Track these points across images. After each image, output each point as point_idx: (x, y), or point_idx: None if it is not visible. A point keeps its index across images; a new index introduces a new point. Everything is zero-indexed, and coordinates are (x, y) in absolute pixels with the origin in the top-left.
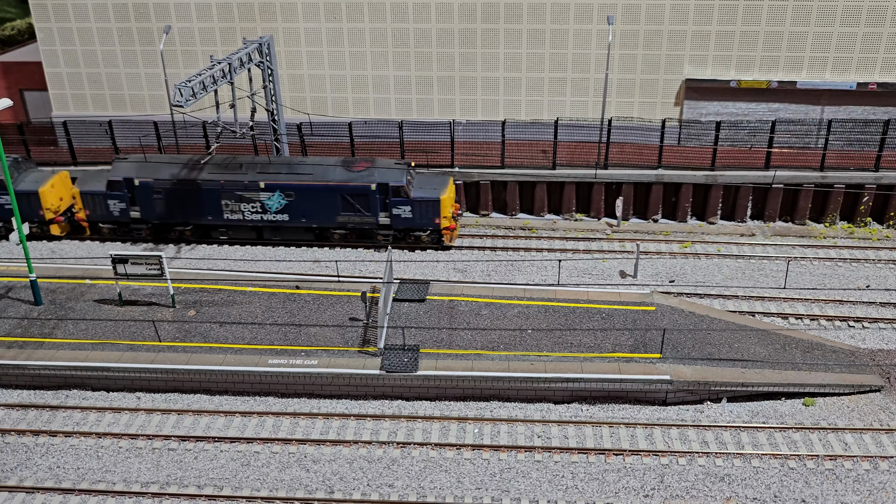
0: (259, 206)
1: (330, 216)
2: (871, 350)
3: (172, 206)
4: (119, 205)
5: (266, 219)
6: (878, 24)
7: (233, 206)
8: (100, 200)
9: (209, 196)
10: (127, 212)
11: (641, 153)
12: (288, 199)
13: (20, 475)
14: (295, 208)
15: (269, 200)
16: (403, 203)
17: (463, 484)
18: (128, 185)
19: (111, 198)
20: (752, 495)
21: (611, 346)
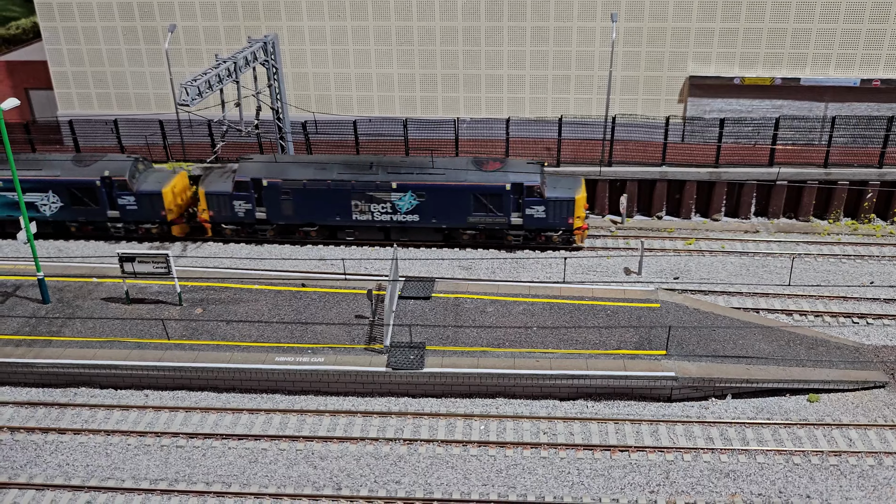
0: (389, 207)
1: (461, 217)
2: (876, 346)
3: (300, 207)
4: (245, 206)
5: (396, 219)
6: (882, 21)
7: (362, 207)
8: (225, 201)
9: (339, 196)
10: (252, 213)
11: (645, 150)
12: (419, 199)
13: (30, 472)
14: (426, 209)
15: (401, 201)
16: (537, 203)
17: (469, 480)
18: (255, 185)
19: (237, 199)
20: (756, 491)
21: (616, 343)
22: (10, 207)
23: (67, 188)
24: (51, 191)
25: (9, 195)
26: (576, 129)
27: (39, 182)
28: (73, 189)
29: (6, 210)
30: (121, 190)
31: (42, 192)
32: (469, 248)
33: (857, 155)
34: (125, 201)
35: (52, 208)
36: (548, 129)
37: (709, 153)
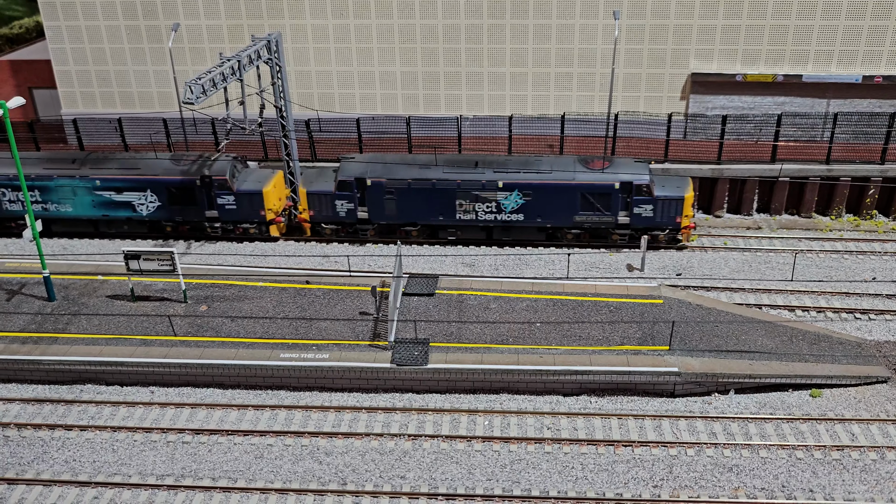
0: (494, 206)
1: (567, 216)
2: (878, 342)
3: (403, 206)
4: (347, 205)
5: (500, 219)
6: (884, 17)
7: (467, 206)
8: (327, 201)
9: (443, 196)
10: (354, 212)
11: (648, 147)
12: (525, 198)
13: (37, 468)
14: (531, 208)
15: (506, 200)
16: (646, 202)
17: (474, 475)
18: (358, 185)
19: (339, 198)
20: (759, 485)
21: (619, 339)
22: (107, 206)
23: (167, 187)
24: (149, 190)
25: (105, 194)
26: (578, 126)
27: (138, 181)
28: (172, 188)
29: (102, 209)
30: (220, 189)
31: (140, 192)
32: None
33: (859, 151)
34: (224, 201)
35: (149, 208)
36: (551, 127)
37: (711, 150)
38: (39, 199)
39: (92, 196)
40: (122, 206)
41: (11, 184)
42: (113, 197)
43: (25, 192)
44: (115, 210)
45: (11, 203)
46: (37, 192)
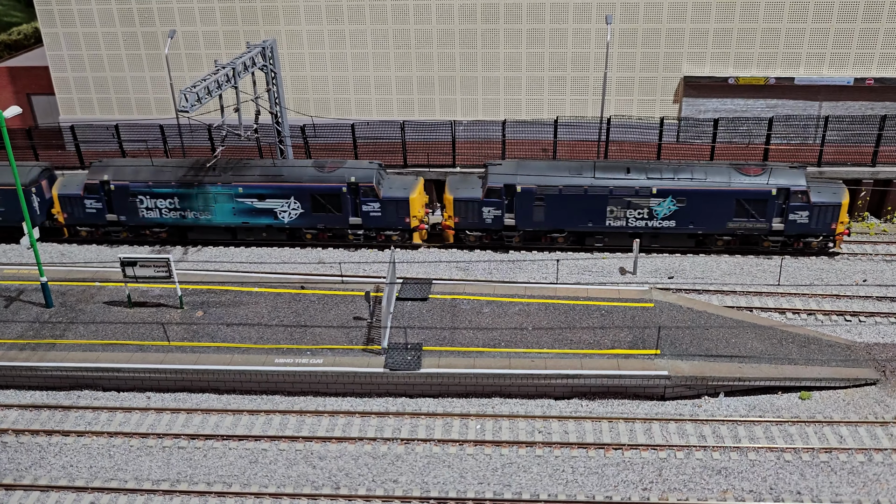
0: (646, 213)
1: (720, 222)
2: (868, 344)
3: (552, 212)
4: (494, 212)
5: (651, 225)
6: (875, 20)
7: (617, 213)
8: (474, 208)
9: (594, 202)
10: (500, 219)
11: (640, 151)
12: (679, 204)
13: (34, 474)
14: (684, 214)
15: (659, 206)
16: (802, 208)
17: (465, 479)
18: (507, 191)
19: (487, 205)
20: (748, 488)
21: (610, 343)
22: (248, 214)
23: (311, 195)
24: (293, 197)
25: (247, 202)
26: (571, 130)
27: (283, 188)
28: (317, 196)
29: (243, 216)
30: (366, 196)
31: (283, 199)
32: (725, 255)
33: (850, 154)
34: (370, 208)
35: (291, 215)
36: (544, 131)
37: (703, 153)
38: (178, 207)
39: (233, 203)
40: (263, 213)
41: (150, 191)
42: (255, 204)
43: (23, 203)
44: (255, 217)
45: (149, 211)
46: (176, 200)
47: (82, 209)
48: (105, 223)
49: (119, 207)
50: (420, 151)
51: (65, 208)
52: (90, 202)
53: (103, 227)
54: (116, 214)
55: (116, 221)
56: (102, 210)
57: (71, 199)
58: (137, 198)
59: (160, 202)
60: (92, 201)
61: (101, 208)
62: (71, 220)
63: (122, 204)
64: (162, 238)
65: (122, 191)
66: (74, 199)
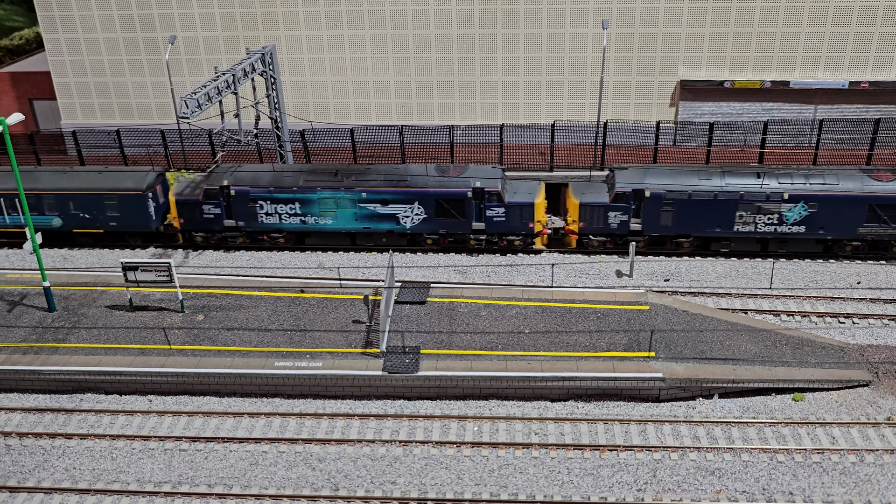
0: (776, 218)
1: (851, 228)
2: (861, 346)
3: (679, 217)
4: (620, 217)
5: (780, 231)
6: (870, 24)
7: (746, 218)
8: (600, 213)
9: (724, 207)
10: (626, 224)
11: (637, 154)
12: (810, 210)
13: (38, 476)
14: (814, 220)
15: (790, 212)
16: None
17: (463, 480)
18: (635, 196)
19: (614, 210)
20: (741, 488)
21: (606, 345)
22: (369, 219)
23: (435, 200)
24: (417, 202)
25: (370, 207)
26: (569, 134)
27: (407, 194)
28: (441, 201)
29: (364, 222)
30: (491, 202)
31: (407, 204)
32: (854, 259)
33: (844, 157)
34: (494, 213)
35: (413, 220)
36: (541, 135)
37: (699, 156)
38: (298, 213)
39: (355, 209)
40: (385, 218)
41: (271, 196)
42: (377, 209)
43: (26, 209)
44: (377, 223)
45: (268, 216)
46: (297, 205)
47: (200, 215)
48: (222, 229)
49: (238, 213)
50: (418, 155)
51: (182, 213)
52: (208, 207)
53: (220, 232)
54: (235, 220)
55: (234, 227)
56: (220, 216)
57: (189, 204)
58: (257, 203)
59: (280, 207)
60: (210, 207)
61: (219, 214)
62: (187, 226)
63: (242, 209)
64: (279, 244)
65: (242, 196)
66: (193, 204)
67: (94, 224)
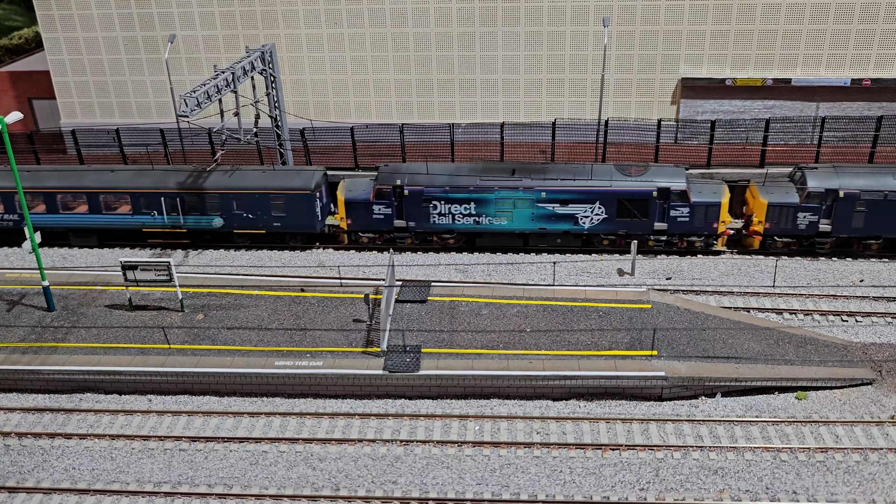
0: None
1: None
2: (864, 344)
3: (873, 218)
4: (810, 218)
5: None
6: (872, 21)
7: None
8: (789, 213)
9: None
10: (816, 225)
11: (639, 152)
12: None
13: (37, 476)
14: None
15: None
16: None
17: (464, 480)
18: (827, 196)
19: (804, 210)
20: (744, 487)
21: (607, 344)
22: (547, 219)
23: (618, 200)
24: (598, 202)
25: (548, 207)
26: (570, 132)
27: (589, 193)
28: (624, 201)
29: (541, 222)
30: (677, 201)
31: (588, 204)
32: None
33: (847, 154)
34: (678, 213)
35: (593, 220)
36: (542, 133)
37: (701, 154)
38: (473, 213)
39: (533, 209)
40: (563, 218)
41: (445, 196)
42: (556, 209)
43: (26, 210)
44: (554, 223)
45: (441, 216)
46: (472, 205)
47: (369, 215)
48: (391, 229)
49: (410, 213)
50: (419, 153)
51: (350, 214)
52: (378, 208)
53: (388, 233)
54: (405, 220)
55: (404, 228)
56: (391, 216)
57: (359, 204)
58: (431, 203)
59: (454, 207)
60: (381, 207)
61: (389, 214)
62: (355, 226)
63: (414, 210)
64: (448, 245)
65: (415, 196)
66: (363, 204)
67: (257, 225)
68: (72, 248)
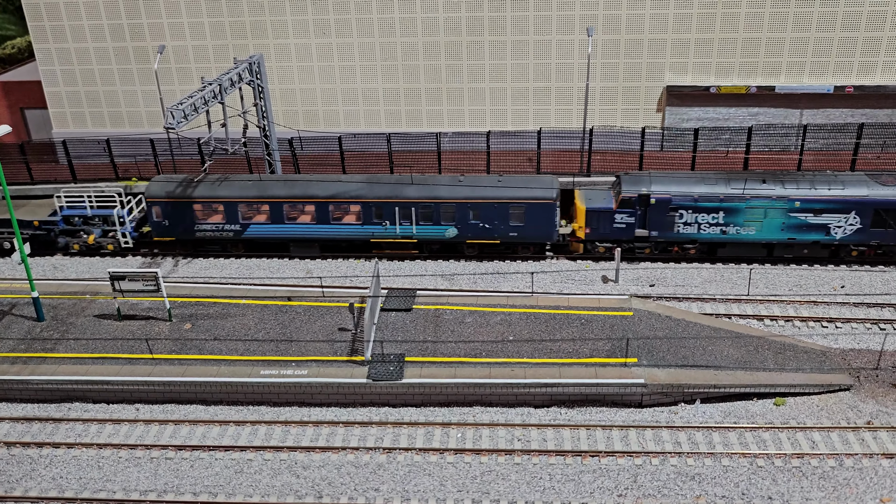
0: None
1: None
2: (843, 350)
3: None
4: None
5: None
6: (854, 29)
7: None
8: None
9: None
10: None
11: (623, 160)
12: None
13: (25, 486)
14: None
15: None
16: None
17: (445, 487)
18: None
19: None
20: (721, 493)
21: (589, 352)
22: (797, 229)
23: (874, 209)
24: (854, 212)
25: (801, 216)
26: (555, 140)
27: (846, 202)
28: (880, 210)
29: (791, 232)
30: None
31: (843, 214)
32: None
33: (829, 160)
34: (803, 219)
35: (846, 231)
36: (527, 141)
37: (685, 161)
38: (721, 222)
39: (784, 218)
40: (814, 228)
41: (694, 205)
42: (808, 219)
43: (10, 209)
44: (804, 233)
45: (687, 226)
46: (720, 214)
47: (610, 224)
48: (631, 238)
49: (654, 222)
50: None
51: (590, 223)
52: (621, 217)
53: (628, 242)
54: (648, 230)
55: (645, 237)
56: (633, 225)
57: (601, 213)
58: (677, 212)
59: (701, 217)
60: (624, 216)
61: (631, 223)
62: (594, 235)
63: (659, 218)
64: (689, 255)
65: (662, 205)
66: (605, 213)
67: (493, 235)
68: (63, 257)
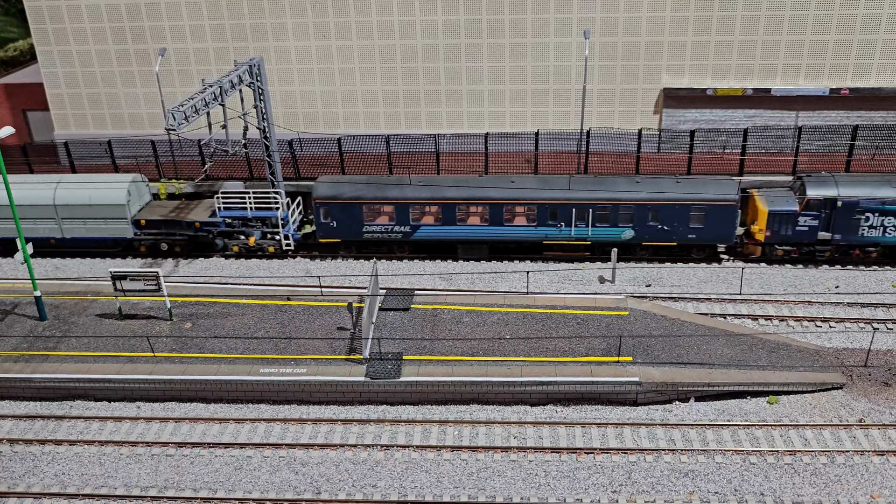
0: None
1: None
2: (836, 349)
3: None
4: None
5: None
6: (849, 32)
7: None
8: None
9: None
10: None
11: (620, 162)
12: None
13: (28, 482)
14: None
15: None
16: None
17: (442, 483)
18: None
19: None
20: (713, 489)
21: (584, 351)
22: None
23: None
24: None
25: None
26: (552, 142)
27: None
28: None
29: None
30: None
31: None
32: None
33: (824, 163)
34: None
35: None
36: (525, 143)
37: (681, 163)
38: (886, 225)
39: None
40: None
41: (881, 208)
42: None
43: (15, 218)
44: None
45: (872, 229)
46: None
47: (793, 227)
48: (812, 242)
49: (838, 225)
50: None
51: (771, 225)
52: (805, 219)
53: (808, 245)
54: (832, 232)
55: (827, 240)
56: (816, 228)
57: (784, 215)
58: (864, 215)
59: (888, 220)
60: (808, 219)
61: (815, 226)
62: (775, 238)
63: (844, 222)
64: (869, 258)
65: (849, 207)
66: (788, 215)
67: (671, 237)
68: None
